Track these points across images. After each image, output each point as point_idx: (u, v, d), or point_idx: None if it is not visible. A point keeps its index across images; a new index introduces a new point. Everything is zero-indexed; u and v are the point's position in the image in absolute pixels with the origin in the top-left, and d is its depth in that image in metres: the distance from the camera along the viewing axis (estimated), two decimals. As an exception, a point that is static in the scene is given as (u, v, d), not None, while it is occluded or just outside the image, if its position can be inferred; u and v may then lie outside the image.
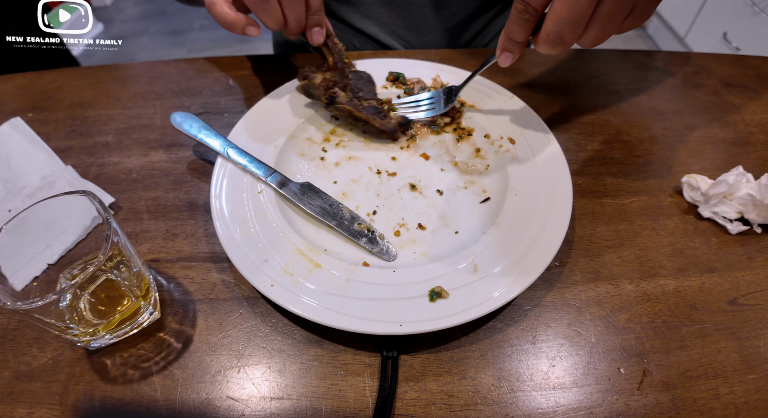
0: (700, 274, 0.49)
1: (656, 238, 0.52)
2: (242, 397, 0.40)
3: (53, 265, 0.45)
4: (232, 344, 0.43)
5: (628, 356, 0.43)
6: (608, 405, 0.40)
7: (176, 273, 0.48)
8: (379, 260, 0.47)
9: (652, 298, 0.47)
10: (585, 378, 0.42)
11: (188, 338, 0.44)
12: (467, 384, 0.41)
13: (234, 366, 0.42)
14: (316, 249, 0.47)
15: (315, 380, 0.41)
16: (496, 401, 0.40)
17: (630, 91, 0.69)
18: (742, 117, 0.66)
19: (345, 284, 0.44)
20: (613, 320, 0.45)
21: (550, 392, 0.41)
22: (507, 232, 0.48)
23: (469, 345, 0.43)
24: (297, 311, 0.41)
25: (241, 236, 0.47)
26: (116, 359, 0.42)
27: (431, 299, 0.43)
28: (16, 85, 0.70)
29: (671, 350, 0.43)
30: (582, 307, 0.46)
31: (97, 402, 0.40)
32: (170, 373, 0.42)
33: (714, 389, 0.41)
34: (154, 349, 0.43)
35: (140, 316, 0.43)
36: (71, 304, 0.42)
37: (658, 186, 0.57)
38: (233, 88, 0.68)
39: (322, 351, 0.43)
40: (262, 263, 0.45)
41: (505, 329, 0.44)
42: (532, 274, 0.43)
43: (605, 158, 0.60)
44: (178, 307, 0.46)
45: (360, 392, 0.41)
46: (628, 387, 0.41)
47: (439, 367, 0.42)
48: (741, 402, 0.40)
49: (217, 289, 0.47)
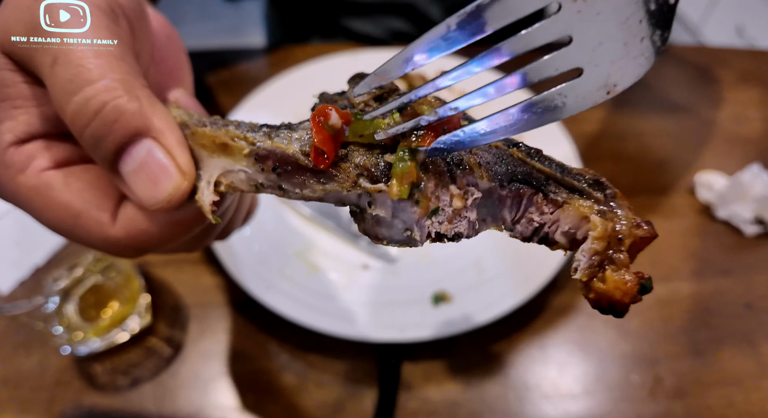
0: (714, 277, 0.47)
1: (669, 239, 0.50)
2: (236, 406, 0.39)
3: (41, 267, 0.44)
4: (224, 351, 0.42)
5: (640, 362, 0.41)
6: (618, 413, 0.38)
7: (167, 276, 0.46)
8: (380, 262, 0.45)
9: (666, 302, 0.45)
10: (595, 386, 0.40)
11: (180, 345, 0.42)
12: (472, 393, 0.39)
13: (227, 374, 0.40)
14: (314, 251, 0.45)
15: (312, 388, 0.40)
16: (502, 410, 0.39)
17: (643, 85, 0.67)
18: (761, 113, 0.64)
19: (344, 287, 0.42)
20: (624, 325, 0.43)
21: (559, 400, 0.39)
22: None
23: (473, 351, 0.42)
24: (293, 317, 0.40)
25: (236, 238, 0.45)
26: (106, 365, 0.41)
27: (434, 303, 0.41)
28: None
29: (684, 356, 0.42)
30: (592, 311, 0.44)
31: (85, 410, 0.39)
32: (161, 381, 0.40)
33: (728, 396, 0.39)
34: (145, 355, 0.41)
35: (130, 320, 0.41)
36: (59, 308, 0.40)
37: (671, 184, 0.55)
38: (227, 81, 0.66)
39: (320, 358, 0.41)
40: (257, 266, 0.43)
41: (512, 334, 0.43)
42: (539, 278, 0.42)
43: (617, 155, 0.58)
44: (170, 311, 0.44)
45: (358, 401, 0.39)
46: (639, 395, 0.39)
47: (442, 375, 0.40)
48: (756, 410, 0.39)
49: (210, 293, 0.45)
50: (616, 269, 0.15)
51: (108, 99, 0.17)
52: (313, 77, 0.61)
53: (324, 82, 0.61)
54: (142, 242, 0.20)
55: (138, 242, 0.20)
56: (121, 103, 0.18)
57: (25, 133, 0.20)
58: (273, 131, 0.18)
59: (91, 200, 0.19)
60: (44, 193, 0.19)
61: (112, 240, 0.20)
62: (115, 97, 0.17)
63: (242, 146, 0.18)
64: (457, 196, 0.16)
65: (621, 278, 0.15)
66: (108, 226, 0.20)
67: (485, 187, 0.16)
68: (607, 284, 0.15)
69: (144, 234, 0.20)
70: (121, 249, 0.20)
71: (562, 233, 0.15)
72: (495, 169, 0.16)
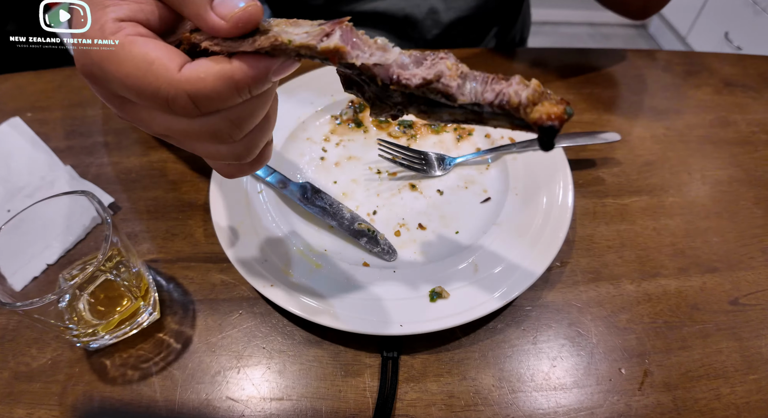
0: (701, 274, 0.49)
1: (657, 238, 0.52)
2: (242, 398, 0.40)
3: (52, 265, 0.45)
4: (231, 345, 0.43)
5: (630, 356, 0.43)
6: (609, 406, 0.40)
7: (175, 273, 0.48)
8: (380, 260, 0.47)
9: (654, 298, 0.47)
10: (586, 379, 0.41)
11: (188, 339, 0.44)
12: (468, 385, 0.41)
13: (233, 367, 0.42)
14: (316, 249, 0.47)
15: (315, 380, 0.41)
16: (496, 401, 0.40)
17: (631, 90, 0.69)
18: (744, 116, 0.66)
19: (345, 284, 0.44)
20: (614, 320, 0.45)
21: (551, 392, 0.41)
22: (507, 232, 0.48)
23: (469, 346, 0.43)
24: (297, 312, 0.41)
25: (241, 236, 0.47)
26: (115, 359, 0.42)
27: (432, 300, 0.43)
28: (14, 85, 0.70)
29: (672, 350, 0.43)
30: (583, 307, 0.46)
31: (96, 403, 0.40)
32: (170, 374, 0.42)
33: (715, 389, 0.41)
34: (154, 349, 0.43)
35: (139, 316, 0.43)
36: (70, 304, 0.42)
37: (660, 186, 0.57)
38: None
39: (322, 352, 0.43)
40: (261, 263, 0.45)
41: (506, 330, 0.44)
42: (532, 274, 0.43)
43: (606, 158, 0.60)
44: (178, 307, 0.46)
45: (360, 392, 0.40)
46: (629, 388, 0.41)
47: (439, 367, 0.42)
48: (742, 403, 0.40)
49: (216, 289, 0.47)
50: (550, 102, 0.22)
51: None
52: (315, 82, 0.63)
53: (324, 83, 0.63)
54: (199, 90, 0.24)
55: (195, 89, 0.24)
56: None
57: (124, 16, 0.25)
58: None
59: (164, 54, 0.24)
60: (128, 47, 0.24)
61: (175, 83, 0.24)
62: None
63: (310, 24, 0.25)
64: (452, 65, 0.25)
65: (553, 103, 0.22)
66: (174, 71, 0.24)
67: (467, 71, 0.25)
68: (545, 106, 0.22)
69: (201, 82, 0.24)
70: (180, 95, 0.24)
71: (513, 91, 0.23)
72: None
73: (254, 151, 0.31)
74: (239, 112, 0.27)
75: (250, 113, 0.27)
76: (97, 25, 0.25)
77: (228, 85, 0.25)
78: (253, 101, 0.27)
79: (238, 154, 0.30)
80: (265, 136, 0.31)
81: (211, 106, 0.25)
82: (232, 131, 0.28)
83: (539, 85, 0.23)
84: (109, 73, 0.25)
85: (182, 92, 0.24)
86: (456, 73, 0.24)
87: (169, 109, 0.25)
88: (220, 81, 0.24)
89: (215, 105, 0.25)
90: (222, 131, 0.27)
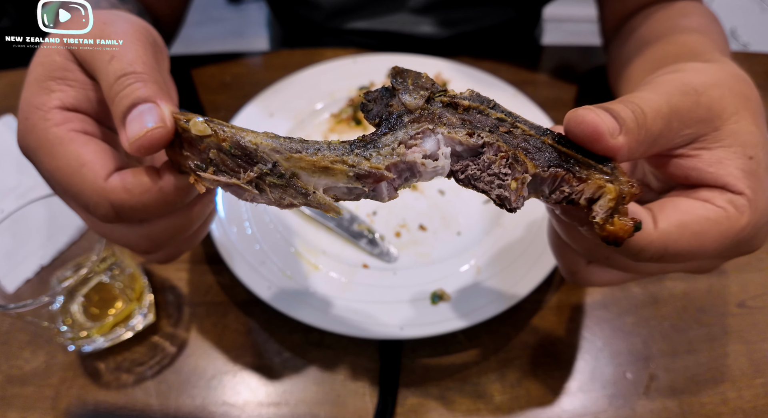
0: (708, 276, 0.48)
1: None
2: (238, 403, 0.39)
3: (46, 266, 0.44)
4: (227, 349, 0.42)
5: (635, 360, 0.42)
6: (614, 410, 0.39)
7: (171, 275, 0.47)
8: (380, 261, 0.46)
9: (660, 300, 0.46)
10: (590, 383, 0.41)
11: (183, 342, 0.43)
12: (470, 390, 0.40)
13: (230, 371, 0.41)
14: (314, 251, 0.46)
15: (313, 385, 0.40)
16: (499, 407, 0.39)
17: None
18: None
19: (344, 286, 0.43)
20: (619, 323, 0.44)
21: (555, 397, 0.40)
22: (510, 233, 0.47)
23: (471, 349, 0.42)
24: (294, 315, 0.40)
25: (238, 237, 0.46)
26: (110, 363, 0.42)
27: (433, 302, 0.42)
28: (6, 83, 0.69)
29: (679, 353, 0.42)
30: (588, 310, 0.45)
31: (90, 407, 0.39)
32: (165, 377, 0.41)
33: (722, 393, 0.40)
34: (149, 353, 0.42)
35: (134, 319, 0.42)
36: (64, 306, 0.41)
37: (665, 185, 0.56)
38: (229, 85, 0.67)
39: (321, 355, 0.42)
40: (258, 265, 0.44)
41: (509, 333, 0.43)
42: (536, 276, 0.42)
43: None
44: (173, 310, 0.45)
45: (359, 397, 0.40)
46: (634, 392, 0.40)
47: (440, 372, 0.41)
48: (749, 407, 0.39)
49: (212, 292, 0.46)
50: (620, 216, 0.22)
51: (140, 79, 0.24)
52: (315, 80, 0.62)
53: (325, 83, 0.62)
54: (122, 200, 0.24)
55: (119, 199, 0.24)
56: (146, 80, 0.24)
57: (70, 104, 0.26)
58: (363, 150, 0.23)
59: (98, 158, 0.25)
60: (66, 143, 0.25)
61: (99, 190, 0.24)
62: (145, 80, 0.24)
63: (345, 169, 0.23)
64: (514, 181, 0.23)
65: (623, 221, 0.22)
66: (102, 179, 0.24)
67: (533, 173, 0.23)
68: (615, 226, 0.22)
69: (125, 192, 0.24)
70: (102, 203, 0.24)
71: (585, 198, 0.23)
72: (536, 157, 0.23)
73: (173, 259, 0.31)
74: (162, 227, 0.27)
75: (173, 230, 0.27)
76: (40, 112, 0.25)
77: (154, 197, 0.24)
78: (178, 218, 0.27)
79: (157, 259, 0.31)
80: (188, 249, 0.31)
81: (134, 216, 0.25)
82: (149, 247, 0.28)
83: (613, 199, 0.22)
84: (40, 162, 0.25)
85: (105, 201, 0.24)
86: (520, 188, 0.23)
87: (88, 211, 0.25)
88: (147, 194, 0.24)
89: (138, 216, 0.25)
90: (139, 245, 0.28)
